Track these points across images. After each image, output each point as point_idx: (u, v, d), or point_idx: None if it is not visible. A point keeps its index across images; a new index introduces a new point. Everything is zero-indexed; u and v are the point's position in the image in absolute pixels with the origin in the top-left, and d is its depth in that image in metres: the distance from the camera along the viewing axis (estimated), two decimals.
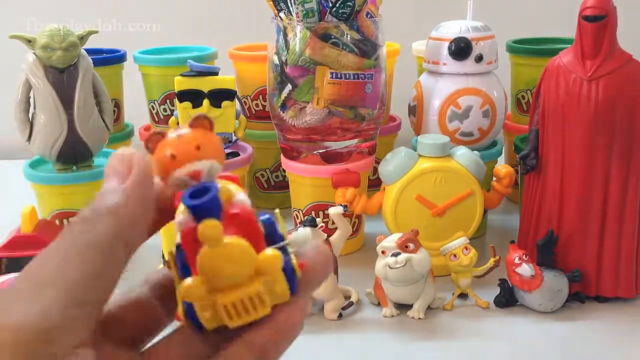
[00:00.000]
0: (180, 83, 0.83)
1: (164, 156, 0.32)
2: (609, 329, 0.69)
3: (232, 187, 0.34)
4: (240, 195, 0.34)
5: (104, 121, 0.83)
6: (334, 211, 0.72)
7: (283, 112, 0.82)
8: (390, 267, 0.68)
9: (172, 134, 0.33)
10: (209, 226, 0.31)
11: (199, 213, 0.32)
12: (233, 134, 0.87)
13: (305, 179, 0.84)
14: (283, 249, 0.33)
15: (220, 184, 0.33)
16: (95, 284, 0.29)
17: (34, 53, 0.78)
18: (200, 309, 0.33)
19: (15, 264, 0.69)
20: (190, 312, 0.33)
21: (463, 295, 0.75)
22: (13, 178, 0.89)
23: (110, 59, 0.98)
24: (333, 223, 0.73)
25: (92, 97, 0.81)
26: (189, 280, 0.32)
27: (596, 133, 0.70)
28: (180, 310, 0.33)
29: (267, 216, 0.34)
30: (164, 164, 0.32)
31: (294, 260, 0.33)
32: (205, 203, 0.32)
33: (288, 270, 0.33)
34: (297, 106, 0.81)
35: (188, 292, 0.32)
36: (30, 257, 0.68)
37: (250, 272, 0.33)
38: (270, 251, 0.32)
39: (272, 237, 0.34)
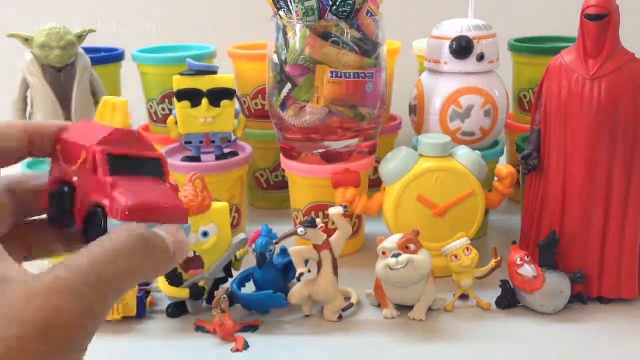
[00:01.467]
0: (179, 82, 0.83)
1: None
2: (611, 331, 0.68)
3: None
4: None
5: None
6: (334, 211, 0.71)
7: (283, 112, 0.81)
8: (391, 268, 0.68)
9: None
10: None
11: None
12: (232, 133, 0.87)
13: (305, 179, 0.83)
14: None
15: None
16: None
17: (32, 52, 0.78)
18: None
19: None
20: None
21: (464, 297, 0.74)
22: None
23: (109, 57, 0.98)
24: (333, 223, 0.73)
25: (90, 96, 0.81)
26: None
27: (599, 133, 0.69)
28: None
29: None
30: None
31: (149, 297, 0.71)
32: None
33: (140, 299, 0.70)
34: (297, 105, 0.80)
35: None
36: (143, 158, 0.41)
37: None
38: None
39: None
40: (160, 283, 0.70)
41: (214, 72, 0.84)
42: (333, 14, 0.77)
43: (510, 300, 0.72)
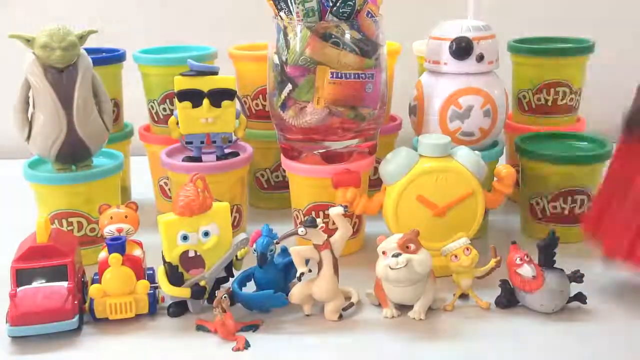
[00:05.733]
0: (180, 83, 0.83)
1: (105, 216, 0.71)
2: (610, 330, 0.69)
3: (136, 247, 0.73)
4: (137, 251, 0.72)
5: (103, 121, 0.83)
6: (335, 211, 0.71)
7: (283, 112, 0.82)
8: (390, 268, 0.68)
9: (115, 208, 0.72)
10: (114, 256, 0.68)
11: (111, 248, 0.69)
12: (233, 133, 0.87)
13: (305, 179, 0.84)
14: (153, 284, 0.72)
15: (130, 242, 0.72)
16: None
17: (33, 53, 0.78)
18: (95, 303, 0.68)
19: (30, 275, 0.68)
20: (91, 304, 0.69)
21: (464, 296, 0.74)
22: (12, 178, 0.88)
23: (110, 58, 0.98)
24: (333, 223, 0.73)
25: (92, 97, 0.81)
26: (95, 285, 0.68)
27: None
28: (87, 303, 0.69)
29: (150, 271, 0.74)
30: (102, 221, 0.71)
31: (159, 293, 0.71)
32: (116, 244, 0.69)
33: (151, 296, 0.70)
34: (298, 106, 0.81)
35: (92, 292, 0.68)
36: (48, 267, 0.70)
37: (129, 288, 0.68)
38: (143, 281, 0.69)
39: (151, 278, 0.73)
40: (162, 282, 0.71)
41: (215, 73, 0.85)
42: (333, 15, 0.78)
43: (509, 299, 0.72)
